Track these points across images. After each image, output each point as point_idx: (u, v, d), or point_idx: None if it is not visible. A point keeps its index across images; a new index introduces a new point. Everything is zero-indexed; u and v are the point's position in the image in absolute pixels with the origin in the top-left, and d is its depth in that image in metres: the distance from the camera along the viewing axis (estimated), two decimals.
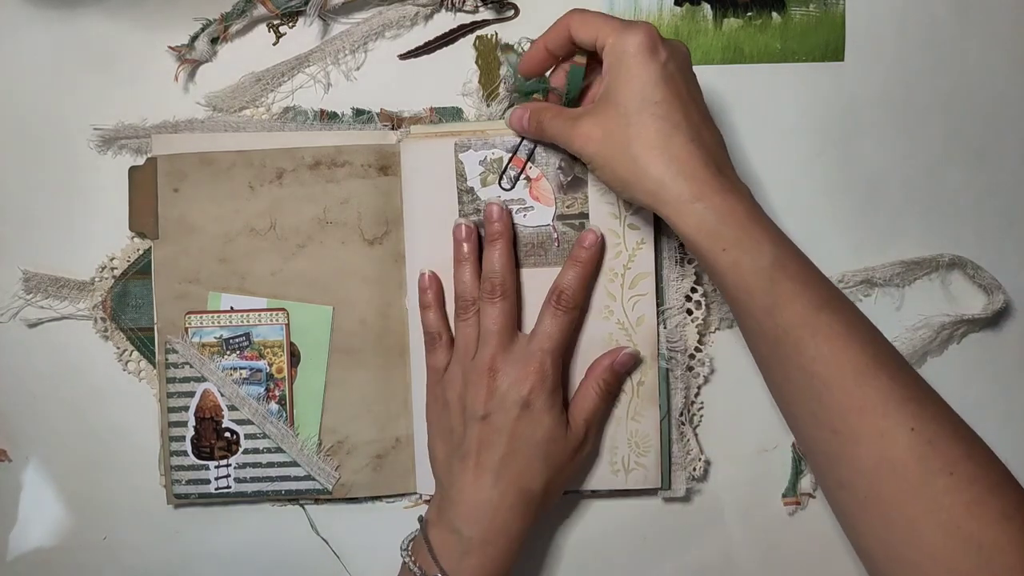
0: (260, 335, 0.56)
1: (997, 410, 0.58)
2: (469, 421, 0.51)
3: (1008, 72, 0.57)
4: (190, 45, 0.56)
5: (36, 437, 0.57)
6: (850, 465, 0.43)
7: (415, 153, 0.55)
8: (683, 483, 0.56)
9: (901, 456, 0.42)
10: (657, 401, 0.55)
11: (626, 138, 0.46)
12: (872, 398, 0.42)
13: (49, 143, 0.57)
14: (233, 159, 0.55)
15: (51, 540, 0.58)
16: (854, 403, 0.43)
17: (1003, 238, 0.58)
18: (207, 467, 0.56)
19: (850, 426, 0.43)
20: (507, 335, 0.51)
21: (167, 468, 0.56)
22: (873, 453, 0.42)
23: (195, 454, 0.56)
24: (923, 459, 0.41)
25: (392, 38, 0.57)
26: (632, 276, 0.54)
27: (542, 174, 0.54)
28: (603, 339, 0.54)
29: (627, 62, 0.46)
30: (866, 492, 0.43)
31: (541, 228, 0.54)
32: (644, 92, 0.45)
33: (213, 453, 0.56)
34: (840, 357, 0.43)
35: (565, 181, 0.53)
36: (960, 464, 0.42)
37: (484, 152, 0.54)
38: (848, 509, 0.44)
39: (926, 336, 0.57)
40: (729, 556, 0.58)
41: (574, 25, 0.48)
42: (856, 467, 0.43)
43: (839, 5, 0.57)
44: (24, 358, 0.57)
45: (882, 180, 0.58)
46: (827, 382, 0.43)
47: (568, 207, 0.54)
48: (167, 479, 0.56)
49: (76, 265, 0.57)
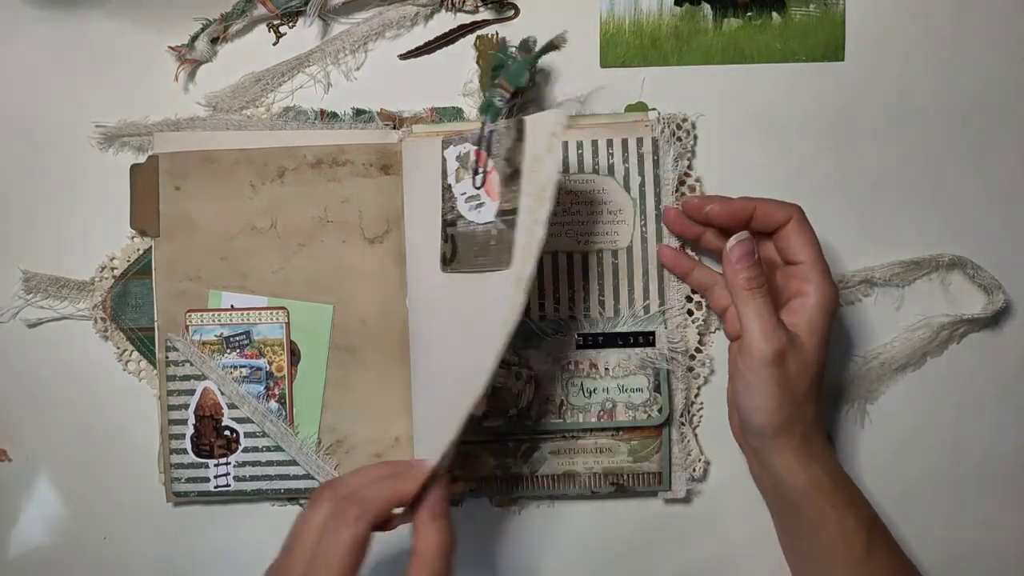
0: (260, 333, 0.56)
1: (997, 410, 0.58)
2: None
3: (1008, 71, 0.57)
4: (190, 45, 0.56)
5: (36, 437, 0.57)
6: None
7: (413, 152, 0.55)
8: (683, 483, 0.56)
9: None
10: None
11: (813, 364, 0.50)
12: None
13: (49, 143, 0.57)
14: (235, 157, 0.56)
15: (51, 540, 0.58)
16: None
17: (1003, 238, 0.58)
18: (207, 465, 0.56)
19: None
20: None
21: (167, 466, 0.56)
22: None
23: (195, 452, 0.56)
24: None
25: (392, 38, 0.57)
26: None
27: (494, 167, 0.50)
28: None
29: (830, 311, 0.50)
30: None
31: (488, 225, 0.50)
32: (828, 340, 0.51)
33: (213, 451, 0.56)
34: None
35: (507, 173, 0.49)
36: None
37: (459, 147, 0.52)
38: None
39: (926, 336, 0.57)
40: (729, 556, 0.58)
41: (793, 223, 0.51)
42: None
43: (839, 5, 0.57)
44: (24, 358, 0.57)
45: (882, 180, 0.58)
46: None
47: (506, 202, 0.49)
48: (167, 477, 0.56)
49: (76, 265, 0.57)
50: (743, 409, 0.51)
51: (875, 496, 0.55)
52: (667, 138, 0.55)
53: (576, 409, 0.55)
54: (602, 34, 0.57)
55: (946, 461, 0.58)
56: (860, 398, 0.58)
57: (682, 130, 0.57)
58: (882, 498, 0.57)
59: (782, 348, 0.49)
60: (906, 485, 0.58)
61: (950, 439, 0.58)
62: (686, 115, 0.57)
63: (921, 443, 0.58)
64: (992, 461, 0.58)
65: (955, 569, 0.58)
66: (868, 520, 0.51)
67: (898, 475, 0.58)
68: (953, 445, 0.58)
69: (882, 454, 0.58)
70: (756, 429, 0.51)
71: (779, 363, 0.49)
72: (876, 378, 0.58)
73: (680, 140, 0.56)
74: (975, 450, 0.58)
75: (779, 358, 0.49)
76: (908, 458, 0.58)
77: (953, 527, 0.58)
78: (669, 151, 0.55)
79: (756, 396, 0.50)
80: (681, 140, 0.57)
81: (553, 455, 0.56)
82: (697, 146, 0.57)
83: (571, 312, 0.56)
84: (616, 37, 0.57)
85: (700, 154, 0.57)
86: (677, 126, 0.57)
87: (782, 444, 0.50)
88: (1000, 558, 0.58)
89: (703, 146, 0.57)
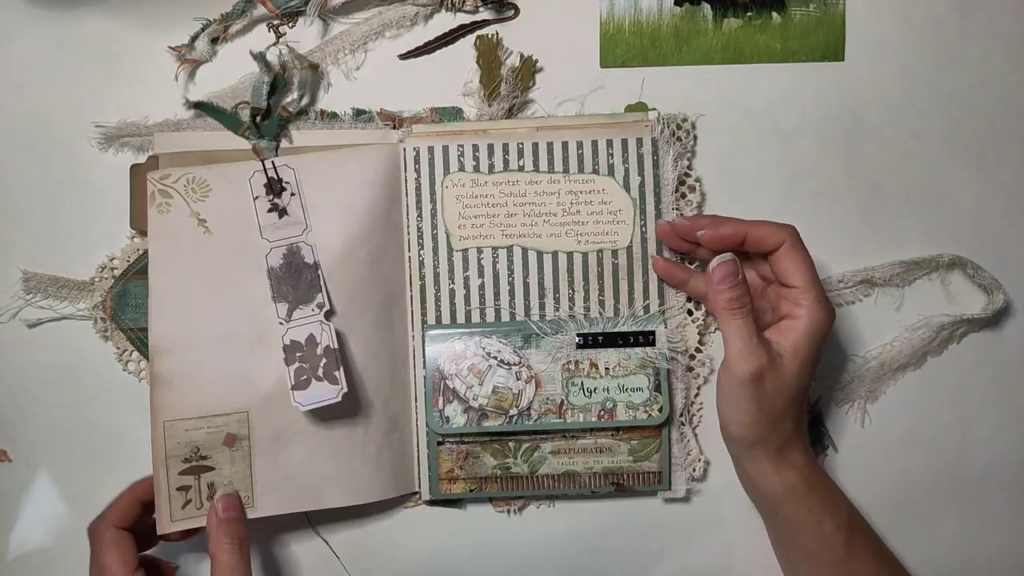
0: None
1: (997, 410, 0.58)
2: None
3: (1008, 72, 0.57)
4: (190, 45, 0.56)
5: (36, 437, 0.57)
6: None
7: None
8: (683, 483, 0.56)
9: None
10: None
11: (792, 386, 0.50)
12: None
13: (49, 143, 0.57)
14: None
15: (51, 540, 0.58)
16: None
17: (1003, 238, 0.58)
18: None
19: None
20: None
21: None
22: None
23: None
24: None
25: (392, 38, 0.57)
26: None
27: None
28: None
29: (819, 336, 0.50)
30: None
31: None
32: (812, 363, 0.51)
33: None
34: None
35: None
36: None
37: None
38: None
39: (926, 336, 0.57)
40: (729, 556, 0.58)
41: (786, 247, 0.51)
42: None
43: (839, 5, 0.57)
44: (24, 358, 0.57)
45: (882, 180, 0.58)
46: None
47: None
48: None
49: (76, 265, 0.57)
50: (721, 419, 0.53)
51: (874, 496, 0.55)
52: (667, 138, 0.55)
53: (576, 409, 0.55)
54: (602, 34, 0.57)
55: (946, 461, 0.58)
56: (860, 398, 0.58)
57: (682, 130, 0.57)
58: (882, 498, 0.57)
59: (759, 368, 0.49)
60: (906, 485, 0.58)
61: (950, 439, 0.58)
62: (686, 115, 0.57)
63: (921, 443, 0.58)
64: (992, 461, 0.58)
65: (955, 569, 0.58)
66: (847, 523, 0.51)
67: (898, 475, 0.58)
68: (953, 445, 0.58)
69: (882, 454, 0.58)
70: (732, 439, 0.52)
71: (756, 382, 0.49)
72: (876, 378, 0.58)
73: (680, 140, 0.56)
74: (975, 450, 0.58)
75: (756, 377, 0.49)
76: (908, 458, 0.58)
77: (953, 527, 0.58)
78: (669, 151, 0.55)
79: (733, 410, 0.51)
80: (681, 140, 0.57)
81: (553, 455, 0.56)
82: (697, 146, 0.57)
83: (571, 312, 0.56)
84: (616, 37, 0.57)
85: (700, 154, 0.57)
86: (677, 126, 0.57)
87: (757, 454, 0.51)
88: (1000, 558, 0.58)
89: (703, 146, 0.57)
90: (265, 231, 0.54)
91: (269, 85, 0.54)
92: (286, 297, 0.54)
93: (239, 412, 0.54)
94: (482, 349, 0.55)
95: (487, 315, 0.56)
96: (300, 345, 0.53)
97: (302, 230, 0.54)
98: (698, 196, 0.56)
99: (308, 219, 0.54)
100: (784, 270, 0.51)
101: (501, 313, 0.56)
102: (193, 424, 0.53)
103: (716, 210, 0.57)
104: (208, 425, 0.53)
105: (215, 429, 0.53)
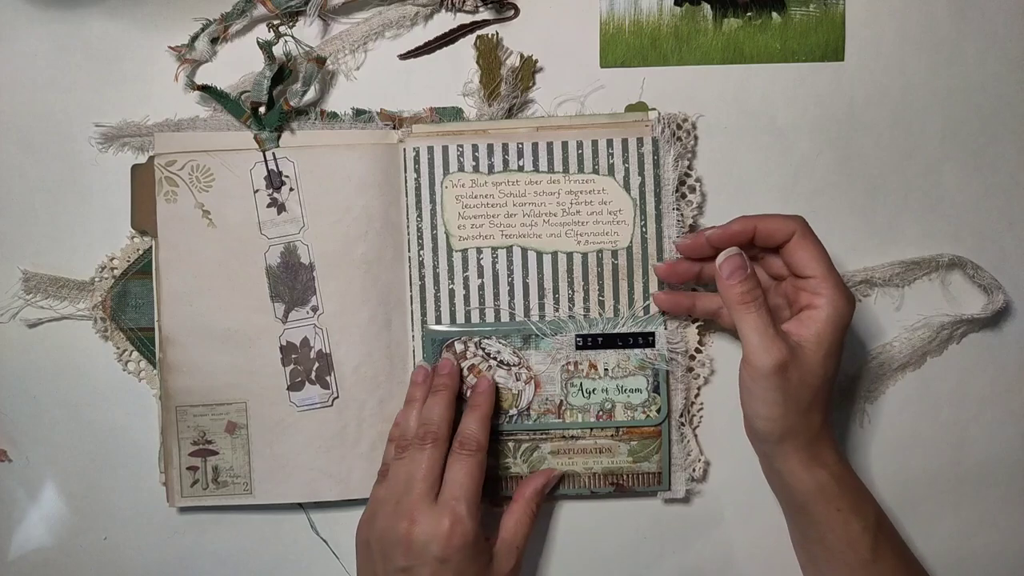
0: None
1: (997, 410, 0.58)
2: (391, 573, 0.50)
3: (1007, 72, 0.57)
4: (190, 45, 0.56)
5: (36, 437, 0.57)
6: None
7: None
8: (683, 484, 0.56)
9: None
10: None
11: (818, 374, 0.49)
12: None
13: (49, 143, 0.57)
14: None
15: (51, 540, 0.58)
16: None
17: (1003, 238, 0.58)
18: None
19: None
20: (431, 483, 0.50)
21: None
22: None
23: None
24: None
25: (392, 38, 0.57)
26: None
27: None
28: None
29: (842, 324, 0.50)
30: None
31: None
32: (837, 352, 0.50)
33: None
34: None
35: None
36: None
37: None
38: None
39: (926, 336, 0.57)
40: (729, 556, 0.58)
41: (797, 238, 0.50)
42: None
43: (839, 5, 0.57)
44: (24, 358, 0.57)
45: (882, 180, 0.58)
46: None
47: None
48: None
49: (76, 265, 0.57)
50: (748, 416, 0.51)
51: (875, 495, 0.55)
52: (667, 138, 0.55)
53: (575, 409, 0.55)
54: (602, 34, 0.57)
55: (946, 461, 0.58)
56: (860, 398, 0.58)
57: (682, 130, 0.57)
58: (881, 497, 0.57)
59: (781, 360, 0.48)
60: (906, 485, 0.58)
61: (950, 439, 0.58)
62: (686, 115, 0.57)
63: (921, 443, 0.58)
64: (992, 461, 0.58)
65: (955, 569, 0.58)
66: (874, 524, 0.51)
67: (898, 475, 0.58)
68: (953, 445, 0.58)
69: (882, 454, 0.58)
70: (760, 435, 0.51)
71: (779, 374, 0.48)
72: (876, 378, 0.58)
73: (680, 140, 0.56)
74: (975, 450, 0.58)
75: (779, 369, 0.48)
76: (908, 458, 0.58)
77: (953, 527, 0.58)
78: (669, 151, 0.55)
79: (759, 405, 0.50)
80: (681, 140, 0.57)
81: (552, 455, 0.56)
82: (697, 146, 0.57)
83: (571, 313, 0.56)
84: (616, 37, 0.57)
85: (700, 154, 0.57)
86: (677, 126, 0.57)
87: (787, 449, 0.50)
88: (1000, 557, 0.58)
89: (703, 146, 0.57)
90: (264, 227, 0.55)
91: (270, 80, 0.54)
92: (283, 297, 0.55)
93: (238, 402, 0.55)
94: (481, 350, 0.55)
95: (487, 315, 0.56)
96: (295, 347, 0.55)
97: (299, 228, 0.55)
98: (698, 196, 0.56)
99: (305, 217, 0.55)
100: (798, 261, 0.50)
101: (501, 313, 0.56)
102: (199, 411, 0.55)
103: (716, 210, 0.57)
104: (212, 412, 0.55)
105: (218, 416, 0.55)
